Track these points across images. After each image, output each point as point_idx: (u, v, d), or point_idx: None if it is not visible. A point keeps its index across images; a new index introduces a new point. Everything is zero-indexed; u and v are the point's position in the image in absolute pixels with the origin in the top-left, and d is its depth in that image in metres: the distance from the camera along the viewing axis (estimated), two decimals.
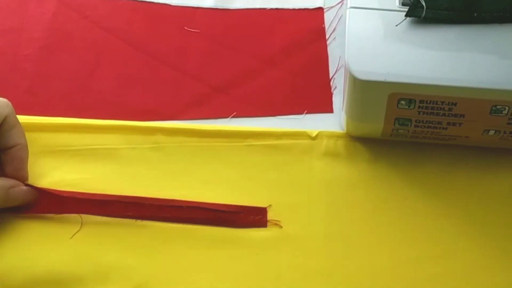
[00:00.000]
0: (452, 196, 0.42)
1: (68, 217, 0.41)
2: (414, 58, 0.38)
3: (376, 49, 0.38)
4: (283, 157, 0.44)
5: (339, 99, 0.47)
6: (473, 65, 0.37)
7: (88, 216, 0.41)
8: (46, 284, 0.39)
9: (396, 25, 0.39)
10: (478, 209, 0.42)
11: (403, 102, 0.39)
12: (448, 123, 0.40)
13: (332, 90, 0.48)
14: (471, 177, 0.43)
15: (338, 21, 0.51)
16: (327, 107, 0.47)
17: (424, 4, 0.38)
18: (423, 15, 0.38)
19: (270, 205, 0.42)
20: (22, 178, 0.41)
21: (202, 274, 0.40)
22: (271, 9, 0.52)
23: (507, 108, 0.38)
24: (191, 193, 0.42)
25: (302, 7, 0.52)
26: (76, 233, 0.40)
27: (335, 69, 0.49)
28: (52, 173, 0.42)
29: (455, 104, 0.38)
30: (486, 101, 0.38)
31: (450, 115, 0.39)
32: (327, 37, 0.50)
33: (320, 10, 0.52)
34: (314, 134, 0.45)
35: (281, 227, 0.41)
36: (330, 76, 0.48)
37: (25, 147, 0.41)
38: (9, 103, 0.40)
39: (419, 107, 0.39)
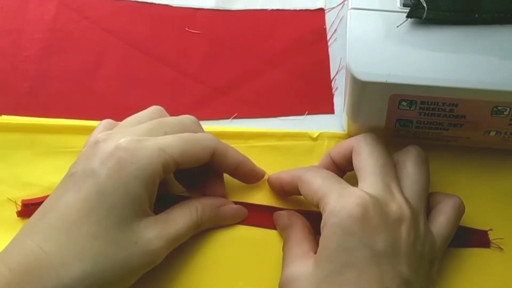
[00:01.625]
0: None
1: None
2: (415, 59, 0.38)
3: (377, 50, 0.38)
4: (285, 158, 0.44)
5: (340, 100, 0.47)
6: (474, 66, 0.37)
7: None
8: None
9: (397, 26, 0.39)
10: (479, 210, 0.42)
11: (404, 103, 0.39)
12: (449, 124, 0.40)
13: (333, 91, 0.48)
14: (472, 178, 0.43)
15: (339, 22, 0.51)
16: (328, 108, 0.47)
17: (425, 5, 0.38)
18: (424, 16, 0.38)
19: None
20: (221, 194, 0.42)
21: (203, 274, 0.40)
22: (272, 10, 0.52)
23: (508, 109, 0.38)
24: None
25: (303, 8, 0.52)
26: None
27: (336, 70, 0.49)
28: (53, 175, 0.42)
29: (456, 105, 0.38)
30: (487, 102, 0.38)
31: (451, 116, 0.39)
32: (328, 38, 0.50)
33: (321, 11, 0.52)
34: (315, 135, 0.45)
35: None
36: (331, 77, 0.49)
37: (244, 162, 0.41)
38: (214, 136, 0.40)
39: (420, 108, 0.39)
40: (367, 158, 0.38)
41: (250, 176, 0.42)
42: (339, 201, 0.35)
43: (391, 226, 0.35)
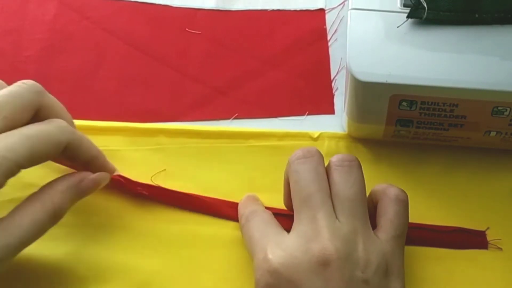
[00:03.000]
0: (453, 197, 0.43)
1: (67, 219, 0.41)
2: (416, 59, 0.38)
3: (378, 50, 0.38)
4: (285, 158, 0.43)
5: (340, 100, 0.47)
6: (475, 67, 0.37)
7: (88, 216, 0.41)
8: (46, 284, 0.39)
9: (398, 27, 0.39)
10: (479, 210, 0.42)
11: (404, 103, 0.39)
12: (450, 124, 0.40)
13: (333, 91, 0.48)
14: (472, 178, 0.43)
15: (339, 23, 0.51)
16: (328, 108, 0.47)
17: (425, 5, 0.38)
18: (425, 16, 0.38)
19: None
20: (109, 171, 0.40)
21: (205, 274, 0.40)
22: (273, 10, 0.52)
23: (508, 109, 0.38)
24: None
25: (304, 8, 0.52)
26: None
27: (337, 71, 0.49)
28: (54, 175, 0.42)
29: (456, 106, 0.38)
30: (488, 103, 0.38)
31: (451, 116, 0.39)
32: (328, 38, 0.50)
33: (321, 11, 0.52)
34: (315, 135, 0.45)
35: None
36: (332, 77, 0.49)
37: (97, 157, 0.39)
38: (67, 126, 0.36)
39: (420, 108, 0.39)
40: (292, 188, 0.37)
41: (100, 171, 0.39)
42: (256, 269, 0.35)
43: (312, 271, 0.33)
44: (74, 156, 0.37)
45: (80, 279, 0.39)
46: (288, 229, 0.37)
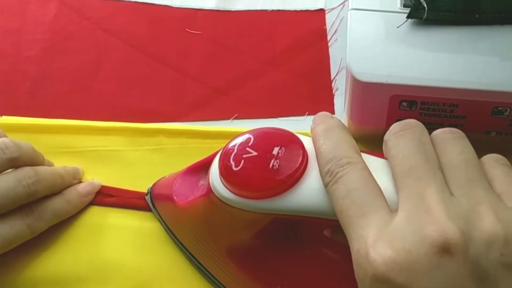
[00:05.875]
0: None
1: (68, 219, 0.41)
2: (416, 59, 0.38)
3: (378, 50, 0.38)
4: None
5: (340, 100, 0.47)
6: (475, 67, 0.37)
7: (88, 216, 0.41)
8: (46, 284, 0.39)
9: (398, 27, 0.39)
10: None
11: (404, 103, 0.39)
12: (450, 125, 0.40)
13: (333, 91, 0.48)
14: None
15: (339, 23, 0.51)
16: (328, 109, 0.47)
17: (425, 5, 0.38)
18: (425, 16, 0.38)
19: None
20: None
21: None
22: (273, 10, 0.52)
23: (508, 109, 0.38)
24: None
25: (304, 9, 0.52)
26: None
27: (337, 71, 0.49)
28: None
29: (456, 106, 0.38)
30: (488, 103, 0.38)
31: (451, 116, 0.39)
32: (328, 38, 0.50)
33: (321, 11, 0.52)
34: None
35: None
36: (332, 77, 0.49)
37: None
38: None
39: (420, 108, 0.39)
40: (391, 165, 0.29)
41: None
42: (356, 265, 0.27)
43: (432, 265, 0.25)
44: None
45: (78, 279, 0.39)
46: None
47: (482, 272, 0.25)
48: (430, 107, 0.39)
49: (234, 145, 0.33)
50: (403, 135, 0.30)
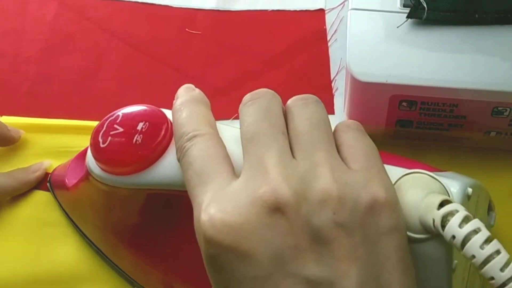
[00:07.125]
0: None
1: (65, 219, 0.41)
2: (416, 59, 0.38)
3: (378, 50, 0.38)
4: None
5: (340, 100, 0.47)
6: (475, 67, 0.37)
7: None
8: (46, 284, 0.39)
9: (398, 27, 0.39)
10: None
11: (404, 103, 0.39)
12: (450, 125, 0.40)
13: (333, 91, 0.48)
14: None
15: (339, 23, 0.51)
16: (328, 109, 0.46)
17: (425, 5, 0.38)
18: (425, 16, 0.38)
19: None
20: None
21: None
22: (273, 10, 0.52)
23: (508, 109, 0.38)
24: None
25: (304, 9, 0.52)
26: None
27: (337, 71, 0.49)
28: None
29: (456, 106, 0.38)
30: (488, 103, 0.38)
31: (451, 116, 0.39)
32: (328, 38, 0.50)
33: (321, 11, 0.52)
34: None
35: None
36: (332, 77, 0.49)
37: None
38: None
39: (420, 108, 0.39)
40: (240, 126, 0.29)
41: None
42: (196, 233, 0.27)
43: (261, 224, 0.25)
44: None
45: (79, 279, 0.39)
46: None
47: (315, 231, 0.25)
48: (430, 107, 0.39)
49: (104, 123, 0.33)
50: (251, 104, 0.30)
